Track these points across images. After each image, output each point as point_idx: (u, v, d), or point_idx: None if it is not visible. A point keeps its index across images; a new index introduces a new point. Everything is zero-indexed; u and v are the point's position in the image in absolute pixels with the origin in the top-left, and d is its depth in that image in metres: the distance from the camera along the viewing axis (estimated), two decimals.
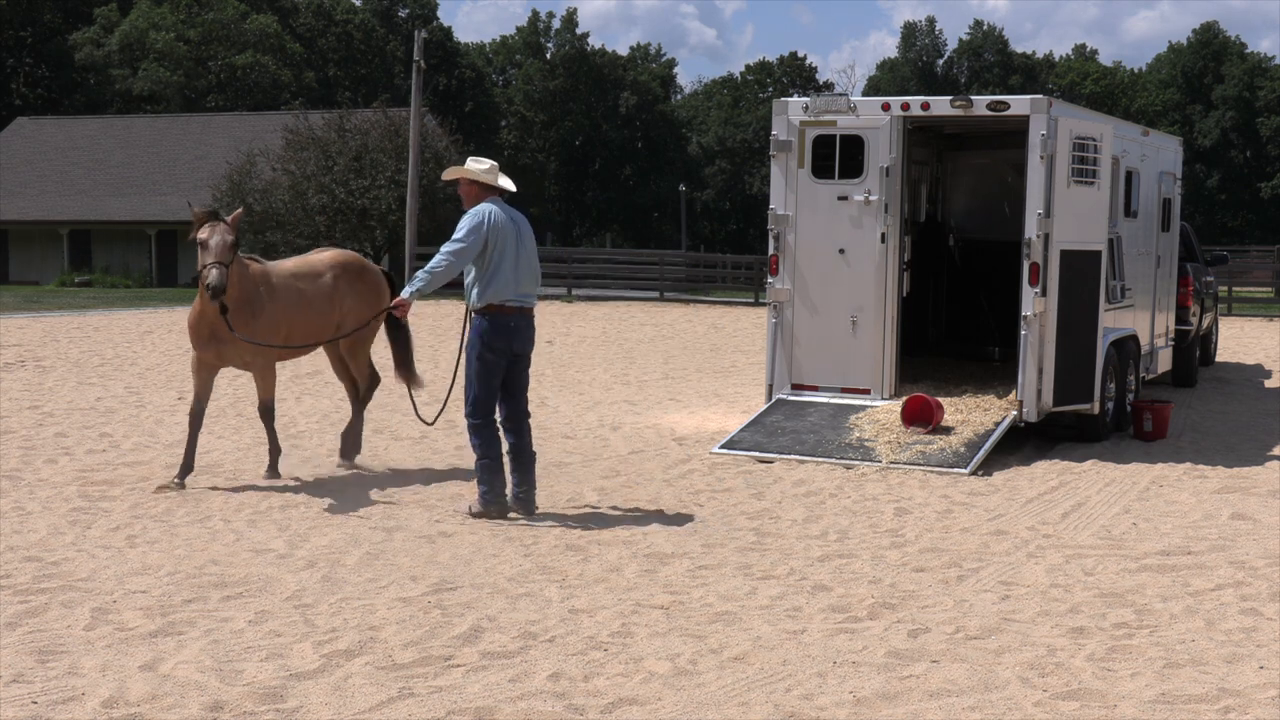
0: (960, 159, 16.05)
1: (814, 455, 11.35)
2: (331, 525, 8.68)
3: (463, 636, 6.35)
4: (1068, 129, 11.74)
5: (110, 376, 16.88)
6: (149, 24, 69.66)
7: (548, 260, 43.03)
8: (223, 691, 5.55)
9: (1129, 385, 13.44)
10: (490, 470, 9.03)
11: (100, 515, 8.83)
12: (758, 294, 34.69)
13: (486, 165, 9.19)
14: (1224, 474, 11.08)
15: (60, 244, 51.87)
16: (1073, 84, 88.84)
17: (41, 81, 70.72)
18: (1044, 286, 11.70)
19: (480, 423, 9.04)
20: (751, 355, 20.38)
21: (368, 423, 13.29)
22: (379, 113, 47.12)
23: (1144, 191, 14.36)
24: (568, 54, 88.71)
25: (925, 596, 7.22)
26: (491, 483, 9.03)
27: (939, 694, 5.68)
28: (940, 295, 16.01)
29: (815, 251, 12.56)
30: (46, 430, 12.38)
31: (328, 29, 79.84)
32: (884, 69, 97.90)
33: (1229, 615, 6.93)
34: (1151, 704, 5.59)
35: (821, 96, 12.65)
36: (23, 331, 23.30)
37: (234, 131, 52.30)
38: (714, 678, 5.85)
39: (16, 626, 6.38)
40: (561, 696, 5.58)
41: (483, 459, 9.03)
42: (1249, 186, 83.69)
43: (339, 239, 44.70)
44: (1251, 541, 8.64)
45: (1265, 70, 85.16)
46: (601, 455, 11.68)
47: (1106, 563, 8.03)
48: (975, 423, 11.78)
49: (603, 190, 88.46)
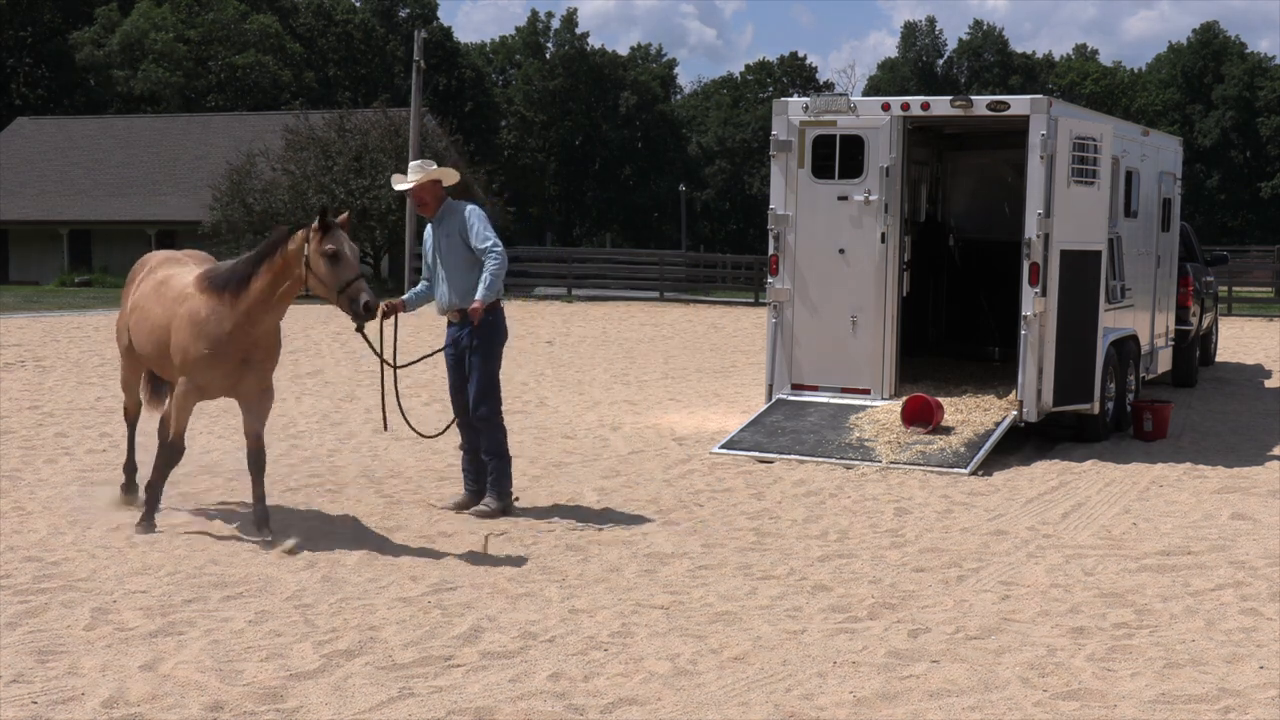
0: (960, 159, 16.05)
1: (814, 455, 11.35)
2: (332, 525, 8.68)
3: (463, 636, 6.35)
4: (1068, 129, 11.73)
5: (110, 376, 16.86)
6: (149, 24, 69.61)
7: (548, 260, 43.13)
8: (223, 691, 5.55)
9: (1129, 385, 13.44)
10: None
11: (100, 515, 8.82)
12: (758, 294, 34.67)
13: (434, 165, 9.21)
14: (1224, 474, 11.08)
15: (60, 244, 51.86)
16: (1073, 84, 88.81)
17: (41, 81, 70.69)
18: (1044, 286, 11.69)
19: (501, 419, 9.15)
20: (751, 355, 20.38)
21: (367, 423, 13.31)
22: (379, 113, 47.12)
23: (1144, 191, 14.36)
24: (567, 54, 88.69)
25: (925, 596, 7.22)
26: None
27: (939, 694, 5.68)
28: (940, 295, 16.01)
29: (815, 251, 12.55)
30: (46, 430, 12.38)
31: (328, 29, 79.81)
32: (884, 69, 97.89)
33: (1229, 615, 6.93)
34: (1151, 704, 5.60)
35: (821, 96, 12.65)
36: (23, 331, 23.30)
37: (234, 131, 52.27)
38: (714, 678, 5.85)
39: (16, 626, 6.38)
40: (561, 696, 5.58)
41: (508, 456, 9.25)
42: (1249, 186, 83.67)
43: None
44: (1251, 541, 8.64)
45: (1265, 70, 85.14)
46: (601, 455, 11.68)
47: (1106, 563, 8.03)
48: (975, 423, 11.78)
49: (602, 190, 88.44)
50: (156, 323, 8.43)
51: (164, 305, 8.40)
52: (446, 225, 9.04)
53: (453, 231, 9.00)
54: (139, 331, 8.66)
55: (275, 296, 8.02)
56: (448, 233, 9.02)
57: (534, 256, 43.69)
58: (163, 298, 8.45)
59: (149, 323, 8.51)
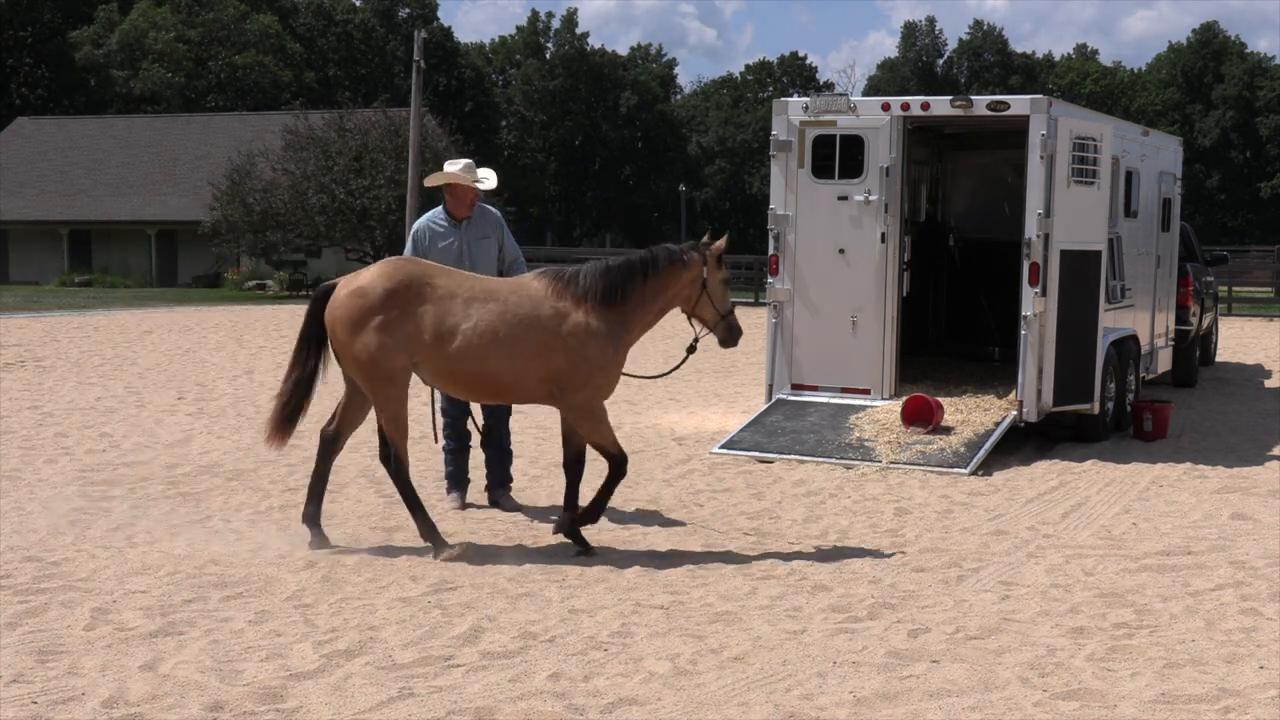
0: (960, 159, 16.05)
1: (814, 455, 11.35)
2: (331, 525, 8.68)
3: (463, 636, 6.35)
4: (1068, 129, 11.73)
5: (110, 376, 16.88)
6: (149, 24, 69.62)
7: (548, 260, 43.10)
8: (223, 691, 5.55)
9: (1129, 385, 13.44)
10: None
11: (100, 515, 8.83)
12: (758, 294, 34.66)
13: (475, 168, 9.28)
14: (1224, 474, 11.08)
15: (60, 244, 51.86)
16: (1073, 84, 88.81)
17: (41, 81, 70.67)
18: (1044, 286, 11.69)
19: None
20: (751, 355, 20.35)
21: (367, 422, 13.27)
22: (379, 113, 47.10)
23: (1144, 191, 14.36)
24: (567, 54, 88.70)
25: (925, 596, 7.22)
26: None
27: (939, 694, 5.67)
28: (940, 295, 16.01)
29: (815, 251, 12.55)
30: (46, 430, 12.38)
31: (328, 29, 79.82)
32: (884, 69, 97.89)
33: (1229, 615, 6.93)
34: (1151, 704, 5.59)
35: (821, 96, 12.65)
36: (23, 331, 23.30)
37: (234, 131, 52.26)
38: (714, 678, 5.85)
39: (16, 626, 6.38)
40: (561, 696, 5.58)
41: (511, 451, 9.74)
42: (1249, 186, 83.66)
43: (339, 239, 44.75)
44: (1251, 541, 8.63)
45: (1265, 70, 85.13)
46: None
47: (1106, 563, 8.03)
48: (975, 423, 11.78)
49: (602, 190, 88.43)
50: (523, 343, 7.77)
51: (532, 324, 7.79)
52: (479, 227, 9.19)
53: (488, 234, 9.17)
54: (478, 357, 7.76)
55: (657, 313, 8.20)
56: (481, 235, 9.17)
57: (534, 257, 43.70)
58: (522, 315, 7.79)
59: (502, 345, 7.74)
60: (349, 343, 7.78)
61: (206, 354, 19.91)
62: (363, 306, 7.72)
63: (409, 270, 7.88)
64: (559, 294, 7.88)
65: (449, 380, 7.97)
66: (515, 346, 7.74)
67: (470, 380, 7.92)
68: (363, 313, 7.71)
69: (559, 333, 7.79)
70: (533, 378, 7.85)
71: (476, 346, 7.70)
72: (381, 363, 7.75)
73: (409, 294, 7.74)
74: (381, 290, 7.72)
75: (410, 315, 7.71)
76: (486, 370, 7.79)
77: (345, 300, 7.81)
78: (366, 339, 7.71)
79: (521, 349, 7.75)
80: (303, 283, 44.34)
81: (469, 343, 7.70)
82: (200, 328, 25.05)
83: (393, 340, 7.69)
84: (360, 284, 7.83)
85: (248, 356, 19.70)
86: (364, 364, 7.78)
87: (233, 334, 23.69)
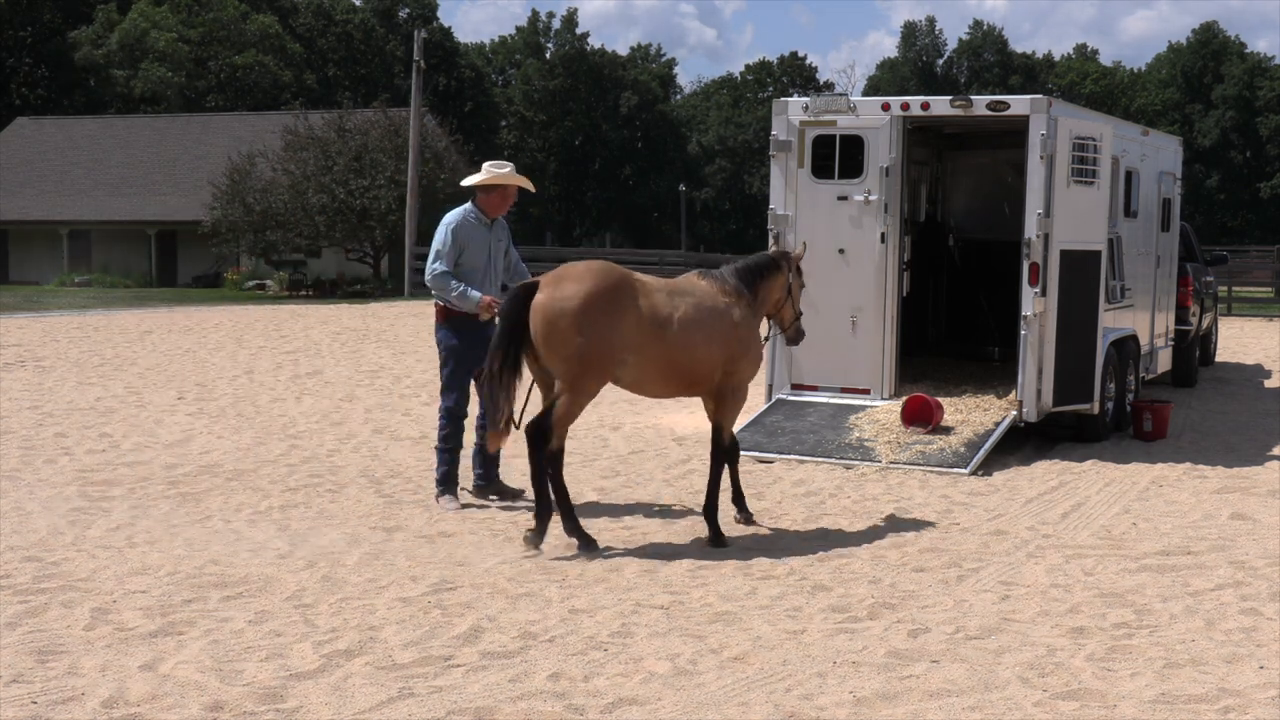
0: (960, 159, 16.05)
1: (814, 455, 11.35)
2: (331, 525, 8.69)
3: (463, 636, 6.35)
4: (1067, 129, 11.73)
5: (110, 376, 16.87)
6: (149, 24, 69.63)
7: (548, 260, 43.07)
8: (223, 691, 5.55)
9: (1129, 385, 13.44)
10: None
11: (100, 515, 8.83)
12: None
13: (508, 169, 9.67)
14: (1224, 474, 11.08)
15: (60, 244, 51.86)
16: (1073, 84, 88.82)
17: (41, 81, 70.69)
18: (1044, 286, 11.69)
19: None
20: None
21: (367, 423, 13.30)
22: (379, 113, 47.14)
23: (1144, 191, 14.36)
24: (567, 54, 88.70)
25: (925, 596, 7.22)
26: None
27: (939, 694, 5.68)
28: (940, 295, 16.00)
29: (815, 251, 12.50)
30: (46, 430, 12.37)
31: (328, 29, 79.83)
32: (884, 69, 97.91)
33: (1229, 615, 6.93)
34: (1151, 704, 5.59)
35: (821, 96, 12.65)
36: (23, 331, 23.30)
37: (234, 131, 52.28)
38: (714, 678, 5.85)
39: (16, 626, 6.38)
40: (561, 696, 5.58)
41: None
42: (1249, 186, 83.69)
43: (339, 239, 44.76)
44: (1251, 541, 8.64)
45: (1265, 70, 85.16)
46: (601, 455, 11.68)
47: (1106, 563, 8.03)
48: (975, 423, 11.78)
49: (602, 190, 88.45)
50: (717, 332, 8.41)
51: (719, 314, 8.46)
52: (500, 230, 9.63)
53: (503, 237, 9.64)
54: (689, 343, 8.28)
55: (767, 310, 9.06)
56: (499, 237, 9.61)
57: (534, 257, 43.68)
58: (709, 307, 8.42)
59: (704, 333, 8.34)
60: (568, 339, 7.90)
61: (206, 354, 19.91)
62: (585, 306, 7.90)
63: (614, 268, 8.24)
64: (721, 290, 8.55)
65: (658, 371, 8.27)
66: (712, 334, 8.37)
67: (680, 369, 8.32)
68: (586, 311, 7.89)
69: (734, 322, 8.50)
70: (718, 364, 8.46)
71: (689, 335, 8.25)
72: (603, 357, 8.00)
73: (623, 291, 8.08)
74: (602, 288, 7.98)
75: (631, 310, 8.06)
76: (696, 357, 8.32)
77: (566, 298, 7.91)
78: (589, 335, 7.90)
79: (716, 337, 8.39)
80: (302, 282, 44.30)
81: (684, 330, 8.23)
82: (200, 328, 25.05)
83: (615, 335, 8.00)
84: (578, 284, 7.97)
85: (248, 356, 19.70)
86: (583, 358, 7.95)
87: (233, 334, 23.69)
